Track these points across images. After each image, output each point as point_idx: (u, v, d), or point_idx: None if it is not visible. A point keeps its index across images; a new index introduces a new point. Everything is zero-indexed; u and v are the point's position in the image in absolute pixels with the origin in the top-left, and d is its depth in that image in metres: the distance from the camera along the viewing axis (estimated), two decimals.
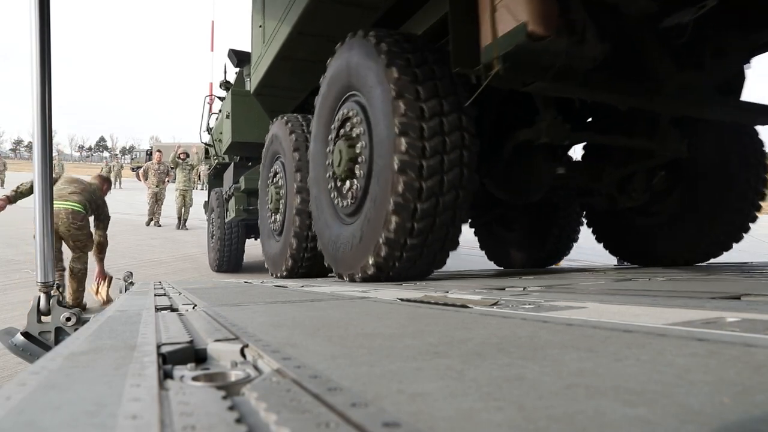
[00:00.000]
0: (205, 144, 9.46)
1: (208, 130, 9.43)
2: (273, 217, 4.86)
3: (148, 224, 12.41)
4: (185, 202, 12.57)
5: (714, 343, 0.63)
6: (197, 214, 12.88)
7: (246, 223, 8.00)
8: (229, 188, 7.37)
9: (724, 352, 0.58)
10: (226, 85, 8.03)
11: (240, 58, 7.04)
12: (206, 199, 10.10)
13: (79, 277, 4.91)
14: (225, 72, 8.45)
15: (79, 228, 4.76)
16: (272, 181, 4.89)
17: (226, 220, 7.82)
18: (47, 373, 0.58)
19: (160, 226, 12.47)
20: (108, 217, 5.23)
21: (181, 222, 12.46)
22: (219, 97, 8.76)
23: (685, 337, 0.69)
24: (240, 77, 7.28)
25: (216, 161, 8.98)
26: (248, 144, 6.71)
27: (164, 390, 0.51)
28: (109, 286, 5.02)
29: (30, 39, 2.38)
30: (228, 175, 7.83)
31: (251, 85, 5.45)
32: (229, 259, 8.01)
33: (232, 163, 7.49)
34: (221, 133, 8.01)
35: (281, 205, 4.64)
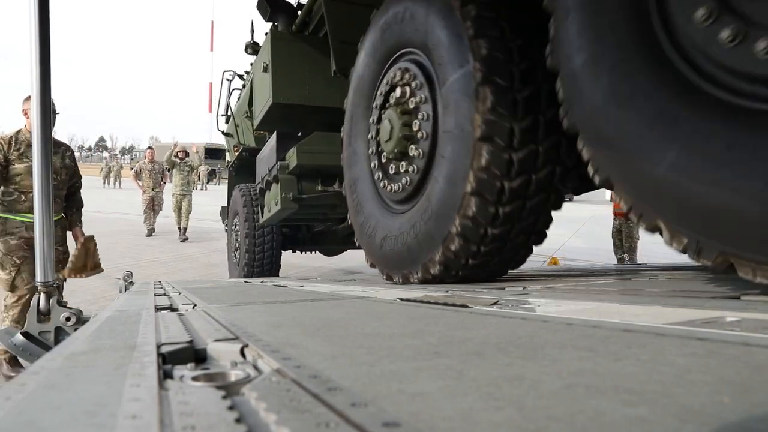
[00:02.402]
0: (224, 133, 7.81)
1: (227, 115, 7.61)
2: (390, 169, 2.75)
3: (149, 235, 10.75)
4: (183, 209, 10.71)
5: (714, 343, 0.63)
6: (200, 215, 12.22)
7: (282, 229, 6.12)
8: (269, 171, 5.08)
9: (724, 352, 0.58)
10: (253, 47, 6.20)
11: (275, 7, 5.21)
12: (224, 205, 7.90)
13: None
14: (252, 32, 6.45)
15: None
16: (391, 99, 2.73)
17: (260, 222, 5.73)
18: (47, 373, 0.58)
19: (153, 233, 10.85)
20: None
21: (182, 232, 10.69)
22: (239, 75, 7.25)
23: (685, 336, 0.69)
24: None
25: (240, 149, 6.96)
26: (294, 108, 4.65)
27: (164, 390, 0.51)
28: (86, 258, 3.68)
29: (30, 39, 2.38)
30: (265, 156, 5.44)
31: None
32: (261, 276, 5.69)
33: (273, 136, 5.07)
34: (246, 112, 6.25)
35: (420, 144, 2.53)
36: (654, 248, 9.98)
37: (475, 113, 2.14)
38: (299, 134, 4.92)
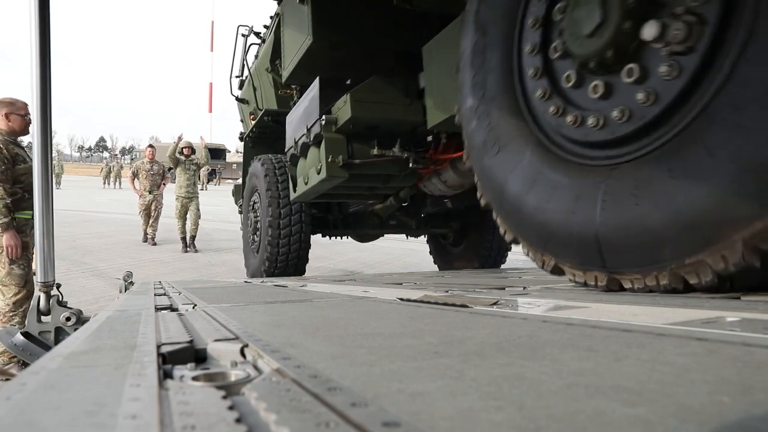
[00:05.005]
0: (238, 99, 6.89)
1: (242, 78, 6.73)
2: (593, 89, 1.52)
3: (144, 240, 9.78)
4: (190, 214, 9.42)
5: (713, 343, 0.63)
6: (201, 215, 11.43)
7: (311, 209, 4.90)
8: (307, 131, 3.81)
9: (724, 352, 0.58)
10: None
11: None
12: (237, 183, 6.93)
13: None
14: None
15: None
16: None
17: (292, 198, 4.50)
18: (47, 373, 0.58)
19: (155, 244, 9.66)
20: None
21: (189, 241, 9.31)
22: (256, 33, 6.42)
23: (685, 336, 0.69)
24: None
25: (259, 114, 5.78)
26: (339, 51, 3.55)
27: (164, 390, 0.51)
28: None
29: (30, 39, 2.38)
30: (300, 113, 4.10)
31: None
32: (286, 266, 4.68)
33: (315, 83, 3.73)
34: (268, 67, 5.26)
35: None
36: None
37: None
38: (348, 82, 3.74)
